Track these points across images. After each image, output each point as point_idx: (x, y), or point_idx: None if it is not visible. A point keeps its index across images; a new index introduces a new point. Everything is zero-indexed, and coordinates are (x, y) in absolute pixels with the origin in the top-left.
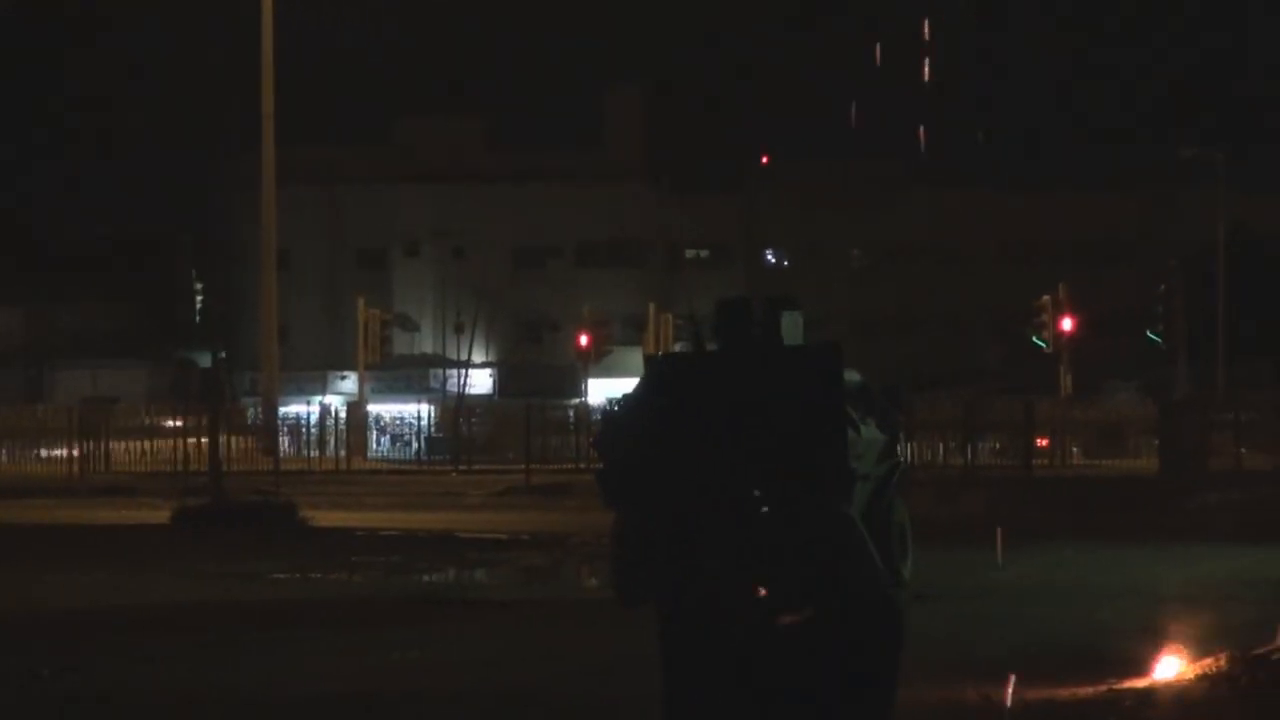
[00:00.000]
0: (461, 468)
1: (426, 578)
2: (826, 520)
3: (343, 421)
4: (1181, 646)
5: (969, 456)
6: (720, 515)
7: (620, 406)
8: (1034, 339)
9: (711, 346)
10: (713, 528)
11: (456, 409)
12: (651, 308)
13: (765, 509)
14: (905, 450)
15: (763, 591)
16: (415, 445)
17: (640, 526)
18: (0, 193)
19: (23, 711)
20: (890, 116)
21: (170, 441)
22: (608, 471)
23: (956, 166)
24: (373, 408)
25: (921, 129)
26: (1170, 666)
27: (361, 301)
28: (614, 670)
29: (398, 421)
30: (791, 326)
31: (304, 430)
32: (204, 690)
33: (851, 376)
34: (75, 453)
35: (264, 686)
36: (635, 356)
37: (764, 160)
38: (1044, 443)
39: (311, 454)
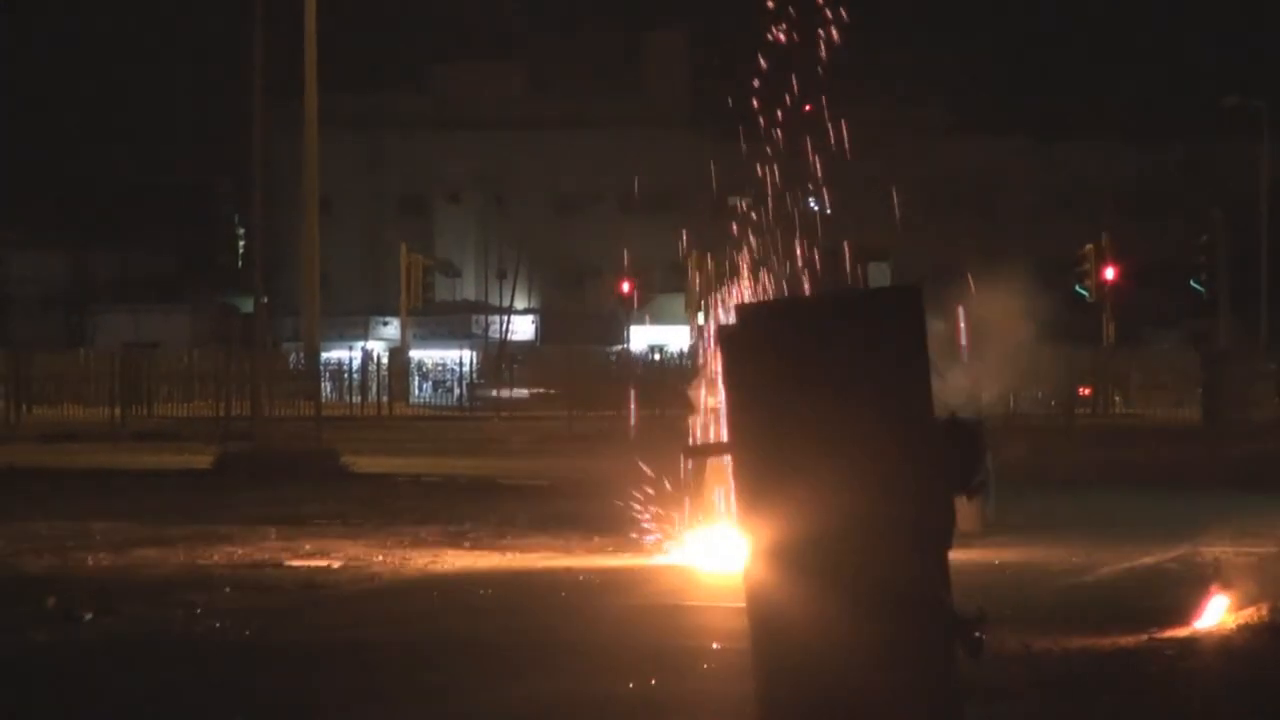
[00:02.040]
0: (503, 414)
1: (467, 523)
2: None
3: (384, 367)
4: (1223, 596)
5: (1011, 405)
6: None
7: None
8: (1076, 288)
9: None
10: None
11: (498, 355)
12: (694, 254)
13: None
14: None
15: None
16: (457, 391)
17: (751, 472)
18: (42, 137)
19: (64, 653)
20: (931, 63)
21: (212, 386)
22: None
23: (999, 115)
24: (415, 353)
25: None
26: (1211, 616)
27: (404, 247)
28: (651, 621)
29: (440, 367)
30: (879, 277)
31: (346, 376)
32: (244, 635)
33: (934, 324)
34: (117, 398)
35: (305, 632)
36: (677, 303)
37: (807, 108)
38: (1086, 392)
39: (353, 400)
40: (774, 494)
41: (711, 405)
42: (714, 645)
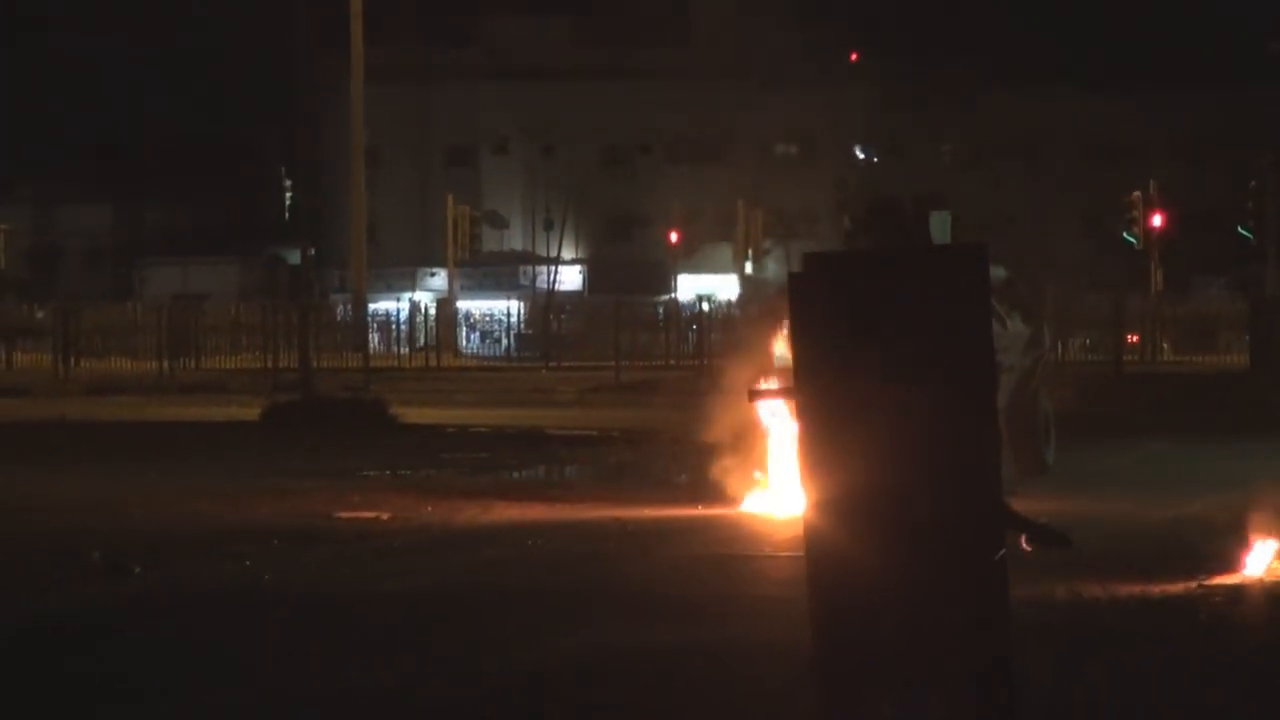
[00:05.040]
0: (551, 364)
1: (516, 474)
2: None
3: (432, 318)
4: (1273, 543)
5: (1059, 353)
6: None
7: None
8: (1125, 235)
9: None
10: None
11: (546, 305)
12: (740, 204)
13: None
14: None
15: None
16: (505, 342)
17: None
18: (90, 90)
19: (115, 607)
20: (975, 12)
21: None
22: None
23: (1044, 63)
24: (462, 304)
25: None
26: (1261, 562)
27: (450, 198)
28: (702, 571)
29: (487, 318)
30: (940, 225)
31: (394, 327)
32: (293, 587)
33: (997, 272)
34: (165, 350)
35: (355, 584)
36: (725, 252)
37: (853, 58)
38: (1134, 339)
39: (401, 351)
40: (835, 440)
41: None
42: (766, 594)
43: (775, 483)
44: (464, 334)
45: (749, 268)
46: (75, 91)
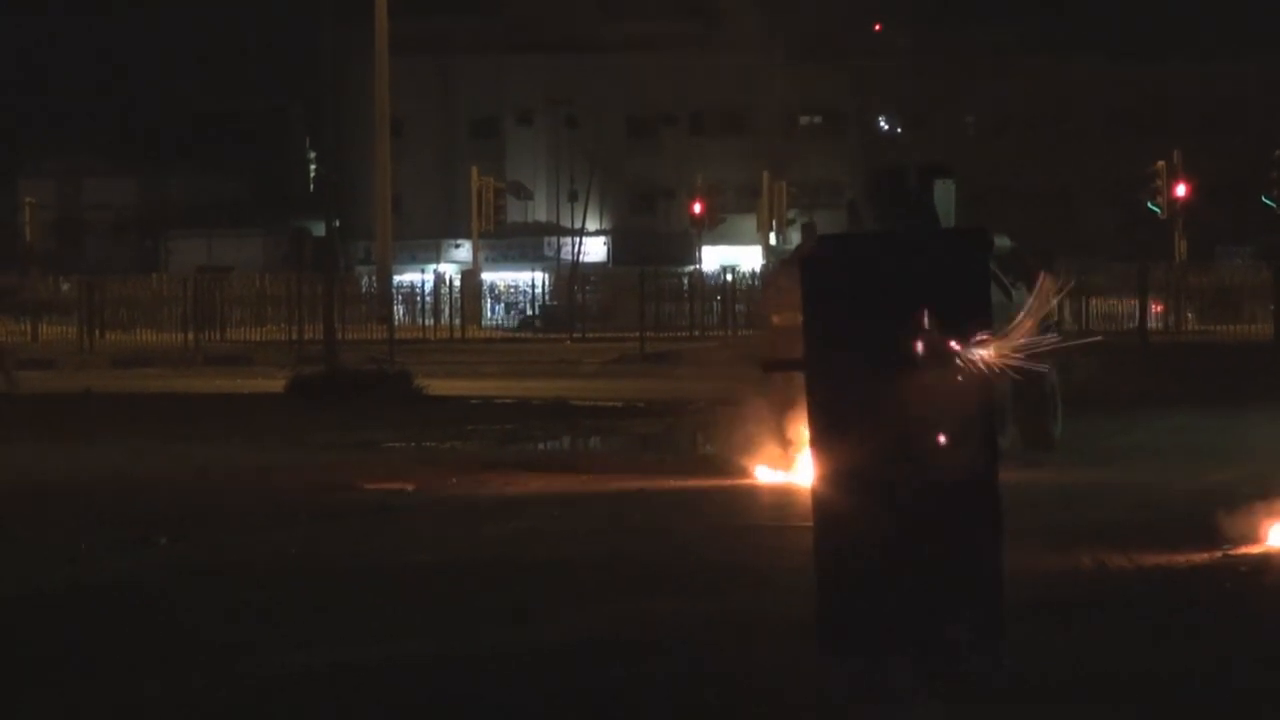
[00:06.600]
0: (576, 336)
1: (541, 445)
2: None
3: (457, 290)
4: None
5: (1083, 323)
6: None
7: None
8: (1149, 205)
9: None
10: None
11: (571, 277)
12: (765, 175)
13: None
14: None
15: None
16: (530, 313)
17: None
18: (114, 63)
19: (141, 576)
20: None
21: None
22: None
23: (1070, 34)
24: (487, 276)
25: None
26: None
27: (475, 169)
28: (725, 542)
29: (512, 289)
30: (944, 194)
31: (418, 299)
32: (318, 560)
33: (1002, 242)
34: (190, 322)
35: (381, 556)
36: (749, 224)
37: (877, 28)
38: (1158, 309)
39: (426, 322)
40: (841, 412)
41: (779, 322)
42: (792, 565)
43: (801, 453)
44: (489, 305)
45: (773, 239)
46: (100, 65)
